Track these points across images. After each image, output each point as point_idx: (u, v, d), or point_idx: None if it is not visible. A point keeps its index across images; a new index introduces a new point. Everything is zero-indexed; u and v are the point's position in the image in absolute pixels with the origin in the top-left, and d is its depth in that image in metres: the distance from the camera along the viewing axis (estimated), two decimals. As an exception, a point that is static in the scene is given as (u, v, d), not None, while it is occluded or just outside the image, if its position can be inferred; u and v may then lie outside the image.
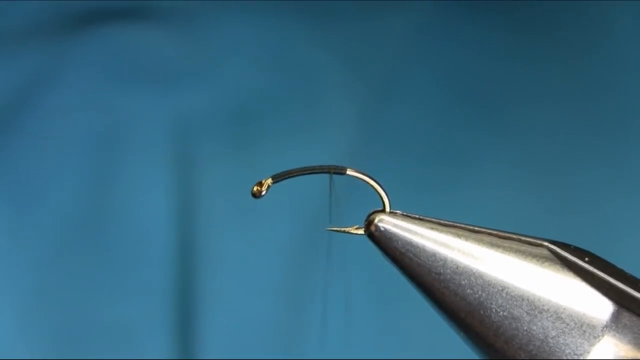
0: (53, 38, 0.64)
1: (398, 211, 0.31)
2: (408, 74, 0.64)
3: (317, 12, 0.66)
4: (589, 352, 0.28)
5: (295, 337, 0.59)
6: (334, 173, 0.30)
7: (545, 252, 0.29)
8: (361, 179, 0.31)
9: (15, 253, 0.59)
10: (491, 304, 0.28)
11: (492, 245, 0.30)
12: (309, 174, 0.30)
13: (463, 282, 0.29)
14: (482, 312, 0.29)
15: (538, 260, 0.29)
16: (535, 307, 0.28)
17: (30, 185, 0.61)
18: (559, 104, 0.64)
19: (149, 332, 0.59)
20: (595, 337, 0.28)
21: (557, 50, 0.65)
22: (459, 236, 0.30)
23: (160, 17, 0.65)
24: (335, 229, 0.32)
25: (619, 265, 0.30)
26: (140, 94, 0.63)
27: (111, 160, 0.62)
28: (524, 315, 0.28)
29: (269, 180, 0.30)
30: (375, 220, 0.30)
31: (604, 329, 0.28)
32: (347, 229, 0.32)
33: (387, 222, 0.30)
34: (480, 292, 0.29)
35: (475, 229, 0.30)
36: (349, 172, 0.31)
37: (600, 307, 0.28)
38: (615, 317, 0.28)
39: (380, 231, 0.30)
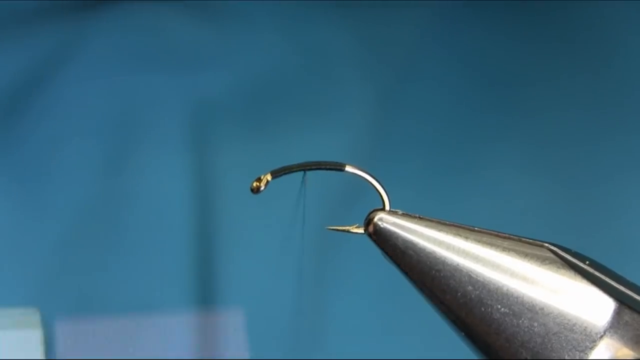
0: (69, 18, 0.64)
1: (398, 210, 0.30)
2: (427, 58, 0.64)
3: (334, 4, 0.66)
4: (591, 349, 0.28)
5: (305, 336, 0.59)
6: (333, 169, 0.30)
7: (546, 252, 0.29)
8: (360, 176, 0.30)
9: (31, 237, 0.59)
10: (492, 301, 0.28)
11: (491, 244, 0.30)
12: (307, 169, 0.30)
13: (463, 279, 0.29)
14: (482, 309, 0.28)
15: (538, 259, 0.29)
16: (536, 304, 0.28)
17: (46, 168, 0.61)
18: (573, 103, 0.64)
19: (164, 311, 0.58)
20: (597, 334, 0.28)
21: (574, 49, 0.65)
22: (458, 235, 0.30)
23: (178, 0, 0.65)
24: (335, 228, 0.32)
25: (625, 272, 0.30)
26: (158, 76, 0.63)
27: (128, 142, 0.62)
28: (525, 312, 0.28)
29: (268, 176, 0.30)
30: (375, 219, 0.30)
31: (606, 326, 0.28)
32: (347, 228, 0.32)
33: (386, 221, 0.30)
34: (480, 289, 0.29)
35: (475, 229, 0.30)
36: (348, 168, 0.30)
37: (601, 305, 0.28)
38: (616, 314, 0.28)
39: (380, 230, 0.30)
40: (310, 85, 0.64)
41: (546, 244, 0.30)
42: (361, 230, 0.31)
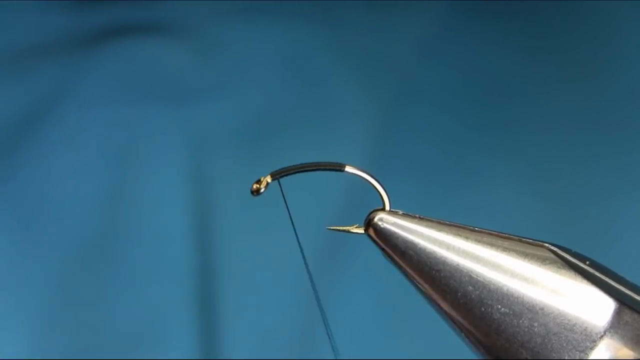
0: (68, 55, 0.64)
1: (398, 210, 0.30)
2: (419, 86, 0.65)
3: (331, 23, 0.66)
4: (591, 349, 0.28)
5: (307, 340, 0.59)
6: (332, 170, 0.30)
7: (546, 252, 0.29)
8: (360, 176, 0.30)
9: (31, 269, 0.59)
10: (492, 301, 0.28)
11: (492, 244, 0.29)
12: (307, 170, 0.30)
13: (464, 280, 0.29)
14: (483, 309, 0.28)
15: (539, 259, 0.29)
16: (536, 304, 0.28)
17: (46, 201, 0.61)
18: (568, 115, 0.64)
19: (167, 347, 0.58)
20: (597, 334, 0.28)
21: (569, 60, 0.65)
22: (459, 235, 0.30)
23: (176, 33, 0.66)
24: (335, 228, 0.32)
25: (623, 272, 0.30)
26: (155, 110, 0.63)
27: (127, 176, 0.62)
28: (526, 312, 0.28)
29: (268, 178, 0.30)
30: (375, 219, 0.30)
31: (606, 326, 0.28)
32: (347, 228, 0.32)
33: (387, 221, 0.30)
34: (481, 289, 0.28)
35: (476, 229, 0.30)
36: (348, 169, 0.30)
37: (601, 305, 0.28)
38: (616, 315, 0.28)
39: (380, 230, 0.30)
40: (308, 114, 0.64)
41: (546, 244, 0.30)
42: (361, 231, 0.31)
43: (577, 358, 0.28)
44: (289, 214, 0.32)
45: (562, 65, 0.65)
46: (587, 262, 0.30)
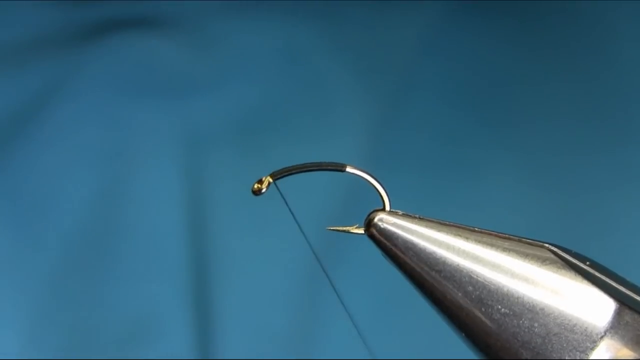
0: (63, 49, 0.64)
1: (398, 210, 0.30)
2: (418, 81, 0.65)
3: (328, 21, 0.66)
4: (591, 350, 0.28)
5: (305, 339, 0.59)
6: (333, 170, 0.30)
7: (546, 252, 0.29)
8: (361, 176, 0.30)
9: (26, 264, 0.59)
10: (492, 301, 0.28)
11: (492, 245, 0.29)
12: (308, 171, 0.30)
13: (464, 280, 0.29)
14: (483, 309, 0.28)
15: (539, 259, 0.29)
16: (536, 305, 0.28)
17: (39, 197, 0.61)
18: (566, 109, 0.64)
19: (162, 345, 0.58)
20: (597, 335, 0.28)
21: (567, 54, 0.65)
22: (459, 236, 0.30)
23: (170, 29, 0.65)
24: (335, 228, 0.32)
25: (622, 271, 0.30)
26: (151, 105, 0.63)
27: (121, 171, 0.61)
28: (526, 312, 0.28)
29: (269, 178, 0.30)
30: (375, 219, 0.30)
31: (606, 326, 0.28)
32: (347, 228, 0.32)
33: (387, 221, 0.30)
34: (481, 289, 0.28)
35: (476, 229, 0.30)
36: (349, 169, 0.30)
37: (602, 305, 0.28)
38: (617, 315, 0.28)
39: (381, 230, 0.30)
40: (303, 111, 0.64)
41: (546, 245, 0.30)
42: (361, 231, 0.31)
43: (578, 358, 0.28)
44: (292, 212, 0.32)
45: (560, 61, 0.65)
46: (588, 263, 0.30)
